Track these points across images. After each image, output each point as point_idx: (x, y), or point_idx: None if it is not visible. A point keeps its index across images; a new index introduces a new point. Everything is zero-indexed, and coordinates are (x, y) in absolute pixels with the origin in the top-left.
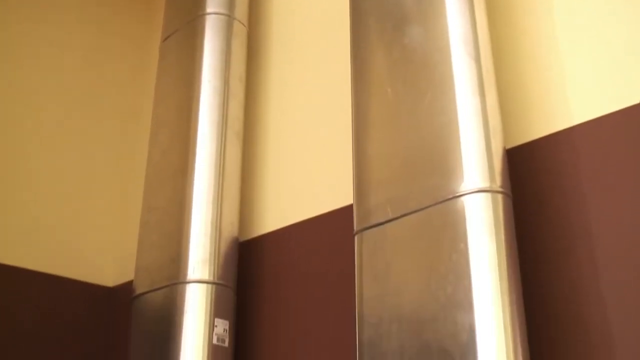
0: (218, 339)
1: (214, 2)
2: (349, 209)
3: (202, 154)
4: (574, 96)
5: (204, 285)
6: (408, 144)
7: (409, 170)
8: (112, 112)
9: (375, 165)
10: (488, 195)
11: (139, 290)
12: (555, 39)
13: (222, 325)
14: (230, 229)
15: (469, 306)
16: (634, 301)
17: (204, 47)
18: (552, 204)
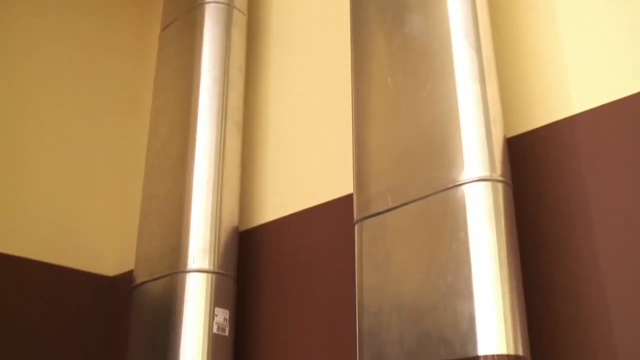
0: (218, 328)
1: None
2: (349, 198)
3: (202, 144)
4: (574, 85)
5: (204, 274)
6: (408, 133)
7: (409, 159)
8: (112, 103)
9: (375, 154)
10: (488, 184)
11: (139, 279)
12: (556, 28)
13: (222, 314)
14: (230, 219)
15: (469, 295)
16: (633, 291)
17: (203, 37)
18: (552, 192)
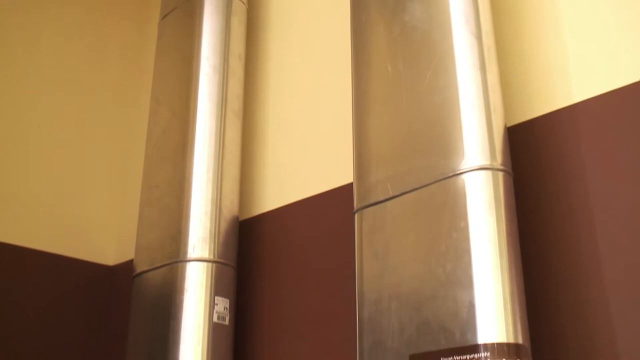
0: (218, 317)
1: None
2: (349, 187)
3: (202, 133)
4: (575, 74)
5: (204, 263)
6: (408, 121)
7: (409, 148)
8: (111, 91)
9: (375, 143)
10: (489, 173)
11: (139, 268)
12: (557, 16)
13: (223, 304)
14: (230, 208)
15: (469, 284)
16: (633, 280)
17: (203, 25)
18: (553, 181)
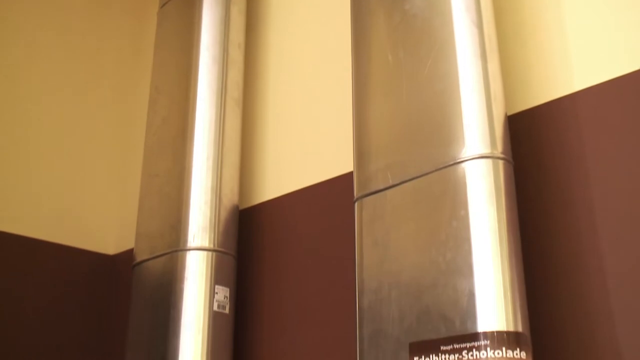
0: (219, 305)
1: None
2: (349, 176)
3: (202, 122)
4: (576, 62)
5: (205, 252)
6: (409, 110)
7: (409, 136)
8: (111, 80)
9: (376, 131)
10: (489, 161)
11: (139, 257)
12: (558, 4)
13: (223, 292)
14: (230, 197)
15: (468, 272)
16: (633, 269)
17: (202, 13)
18: (554, 170)
